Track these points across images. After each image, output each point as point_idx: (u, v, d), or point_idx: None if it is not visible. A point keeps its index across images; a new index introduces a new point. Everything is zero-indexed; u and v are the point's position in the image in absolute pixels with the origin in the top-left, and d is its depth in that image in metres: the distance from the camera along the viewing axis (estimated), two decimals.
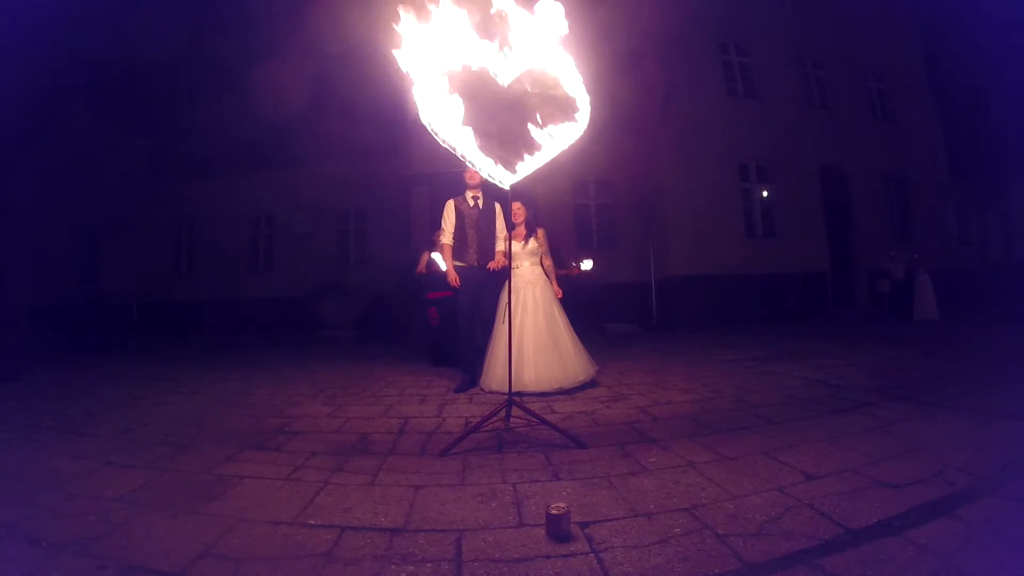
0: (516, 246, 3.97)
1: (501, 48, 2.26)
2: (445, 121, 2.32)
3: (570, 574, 1.33)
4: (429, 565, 1.38)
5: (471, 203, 3.96)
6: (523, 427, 2.62)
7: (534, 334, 3.73)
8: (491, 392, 3.71)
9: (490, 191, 3.63)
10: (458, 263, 3.91)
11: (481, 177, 3.37)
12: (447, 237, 3.92)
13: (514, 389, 3.48)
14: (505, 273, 3.74)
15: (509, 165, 2.42)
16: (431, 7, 2.16)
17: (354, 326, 10.25)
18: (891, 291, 9.65)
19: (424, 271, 5.48)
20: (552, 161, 2.45)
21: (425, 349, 5.71)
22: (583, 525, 1.58)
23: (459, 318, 4.02)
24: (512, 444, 2.46)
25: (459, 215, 3.94)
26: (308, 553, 1.46)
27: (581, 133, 2.36)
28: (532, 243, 4.03)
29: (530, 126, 2.33)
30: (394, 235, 10.14)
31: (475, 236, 3.93)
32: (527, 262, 4.01)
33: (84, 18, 11.62)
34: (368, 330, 9.97)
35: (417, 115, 2.28)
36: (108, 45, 12.12)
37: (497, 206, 4.01)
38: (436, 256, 5.53)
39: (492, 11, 2.18)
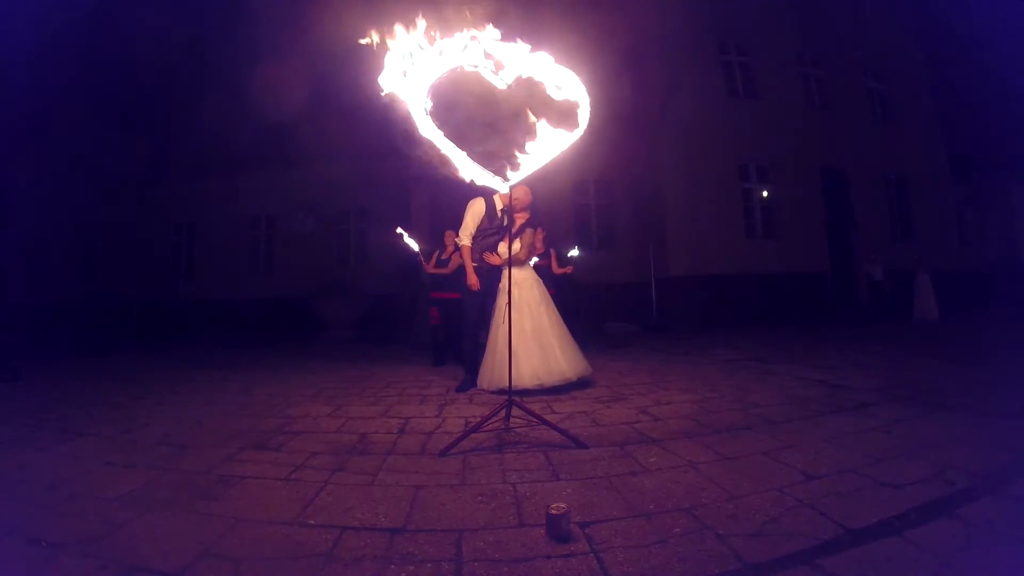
0: (513, 247, 3.95)
1: (497, 53, 2.23)
2: (440, 127, 2.29)
3: (570, 574, 1.32)
4: (429, 565, 1.38)
5: (498, 213, 3.84)
6: (523, 427, 2.62)
7: (516, 334, 3.68)
8: (481, 391, 3.73)
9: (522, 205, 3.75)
10: (472, 264, 3.87)
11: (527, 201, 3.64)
12: (467, 238, 3.82)
13: (498, 387, 3.54)
14: (496, 273, 3.78)
15: (507, 167, 2.41)
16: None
17: (354, 326, 10.25)
18: (869, 293, 9.64)
19: (433, 269, 5.48)
20: (552, 161, 2.45)
21: (428, 348, 5.73)
22: (583, 525, 1.58)
23: (466, 318, 4.00)
24: (512, 444, 2.45)
25: (485, 217, 3.84)
26: (308, 553, 1.46)
27: (581, 134, 2.36)
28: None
29: (529, 127, 2.32)
30: (394, 235, 10.13)
31: (496, 241, 3.85)
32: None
33: (84, 18, 11.61)
34: (368, 330, 9.97)
35: (414, 128, 2.22)
36: (109, 45, 12.11)
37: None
38: (407, 237, 5.56)
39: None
